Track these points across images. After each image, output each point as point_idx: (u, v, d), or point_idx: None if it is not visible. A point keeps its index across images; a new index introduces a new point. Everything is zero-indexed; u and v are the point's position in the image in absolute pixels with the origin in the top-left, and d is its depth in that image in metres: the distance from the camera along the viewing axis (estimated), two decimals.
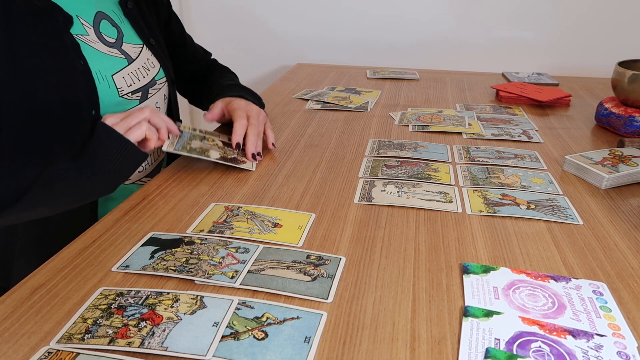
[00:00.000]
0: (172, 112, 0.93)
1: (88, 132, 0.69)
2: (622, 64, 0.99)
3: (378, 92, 1.24)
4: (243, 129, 0.82)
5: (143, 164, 0.79)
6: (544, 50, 1.55)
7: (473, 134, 0.96)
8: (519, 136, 0.95)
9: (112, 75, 0.75)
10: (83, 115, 0.70)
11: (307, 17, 1.63)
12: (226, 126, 0.97)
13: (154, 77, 0.83)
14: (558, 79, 1.38)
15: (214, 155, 0.79)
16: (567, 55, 1.55)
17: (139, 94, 0.79)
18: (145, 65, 0.82)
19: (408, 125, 1.00)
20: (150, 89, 0.82)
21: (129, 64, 0.78)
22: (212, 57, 1.11)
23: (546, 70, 1.54)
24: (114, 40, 0.78)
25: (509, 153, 0.86)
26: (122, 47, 0.79)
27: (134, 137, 0.66)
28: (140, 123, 0.67)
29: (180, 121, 0.86)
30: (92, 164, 0.62)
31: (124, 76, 0.77)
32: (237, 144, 0.81)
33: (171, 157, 0.92)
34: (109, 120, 0.66)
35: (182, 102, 1.04)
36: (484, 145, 0.91)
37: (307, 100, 1.16)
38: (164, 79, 0.87)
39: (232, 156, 0.81)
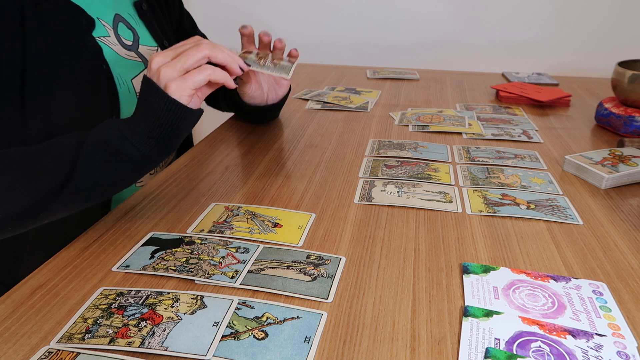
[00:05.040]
0: None
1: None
2: (622, 64, 0.99)
3: (378, 92, 1.24)
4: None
5: (155, 168, 0.77)
6: (543, 50, 1.55)
7: (473, 134, 0.96)
8: (519, 136, 0.95)
9: (131, 80, 0.75)
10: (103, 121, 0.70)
11: (307, 17, 1.63)
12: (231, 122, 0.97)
13: None
14: (558, 79, 1.38)
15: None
16: (567, 55, 1.55)
17: None
18: None
19: (408, 125, 1.00)
20: None
21: (145, 68, 0.78)
22: None
23: (546, 70, 1.54)
24: (131, 43, 0.77)
25: (509, 153, 0.86)
26: (139, 50, 0.79)
27: (193, 83, 0.56)
28: (202, 66, 0.57)
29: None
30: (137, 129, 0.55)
31: (141, 80, 0.76)
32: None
33: (176, 155, 0.92)
34: (156, 61, 0.56)
35: None
36: (484, 145, 0.91)
37: (307, 100, 1.16)
38: None
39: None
